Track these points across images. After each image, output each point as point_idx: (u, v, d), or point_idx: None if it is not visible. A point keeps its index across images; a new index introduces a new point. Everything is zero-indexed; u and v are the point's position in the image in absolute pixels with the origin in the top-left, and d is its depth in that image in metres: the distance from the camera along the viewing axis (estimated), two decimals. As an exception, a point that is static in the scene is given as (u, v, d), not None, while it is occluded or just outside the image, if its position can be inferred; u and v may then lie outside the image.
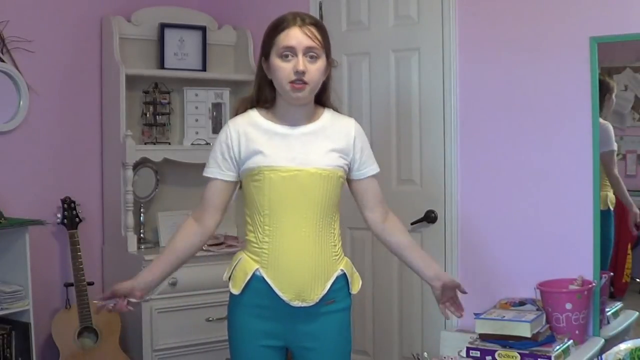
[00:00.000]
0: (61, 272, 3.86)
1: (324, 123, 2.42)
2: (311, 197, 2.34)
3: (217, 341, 3.76)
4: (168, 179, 4.11)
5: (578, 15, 3.08)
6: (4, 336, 3.38)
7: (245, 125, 2.39)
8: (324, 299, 2.38)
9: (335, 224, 2.44)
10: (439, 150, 3.48)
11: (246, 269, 2.38)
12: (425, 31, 3.51)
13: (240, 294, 2.38)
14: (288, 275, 2.34)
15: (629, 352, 2.46)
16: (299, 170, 2.33)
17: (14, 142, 3.71)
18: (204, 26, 4.13)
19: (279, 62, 2.32)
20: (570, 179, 3.13)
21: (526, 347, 2.82)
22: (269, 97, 2.42)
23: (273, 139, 2.36)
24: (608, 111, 3.18)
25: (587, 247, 3.08)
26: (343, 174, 2.42)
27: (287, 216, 2.34)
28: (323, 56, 2.36)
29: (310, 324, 2.39)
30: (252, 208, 2.39)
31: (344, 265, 2.45)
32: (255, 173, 2.35)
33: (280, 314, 2.37)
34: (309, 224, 2.35)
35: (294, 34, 2.32)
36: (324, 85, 2.42)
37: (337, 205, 2.43)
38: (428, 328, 3.53)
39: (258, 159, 2.34)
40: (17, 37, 3.64)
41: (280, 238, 2.34)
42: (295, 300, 2.34)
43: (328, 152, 2.38)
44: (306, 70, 2.30)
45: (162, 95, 4.04)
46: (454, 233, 3.44)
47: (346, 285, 2.46)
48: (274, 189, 2.33)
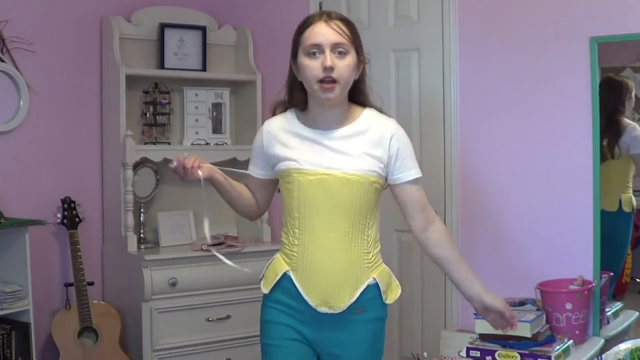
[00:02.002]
0: (61, 272, 3.86)
1: (361, 125, 2.33)
2: (339, 202, 2.28)
3: (217, 341, 3.76)
4: (168, 179, 4.10)
5: (578, 15, 3.08)
6: (4, 336, 3.38)
7: (279, 127, 2.37)
8: (353, 307, 2.30)
9: (370, 231, 2.34)
10: (439, 149, 3.48)
11: (277, 270, 2.36)
12: (425, 31, 3.51)
13: (269, 293, 2.37)
14: (315, 280, 2.29)
15: (629, 352, 2.46)
16: (326, 174, 2.28)
17: (14, 142, 3.71)
18: (204, 26, 4.13)
19: (306, 60, 2.25)
20: (571, 179, 3.13)
21: (526, 347, 2.81)
22: (300, 100, 2.36)
23: (304, 142, 2.32)
24: (630, 111, 3.16)
25: (587, 247, 3.08)
26: (377, 179, 2.31)
27: (316, 220, 2.29)
28: (352, 52, 2.27)
29: (338, 332, 2.32)
30: (285, 210, 2.37)
31: (377, 273, 2.35)
32: (286, 175, 2.33)
33: (308, 318, 2.32)
34: (338, 230, 2.29)
35: (320, 29, 2.24)
36: (357, 84, 2.34)
37: (373, 211, 2.34)
38: (428, 328, 3.54)
39: (289, 162, 2.32)
40: (17, 37, 3.64)
41: (309, 242, 2.30)
42: (321, 306, 2.29)
43: (361, 156, 2.29)
44: (334, 66, 2.22)
45: (162, 95, 4.04)
46: (454, 233, 3.44)
47: (379, 295, 2.35)
48: (303, 192, 2.29)
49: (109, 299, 3.94)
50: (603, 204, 3.08)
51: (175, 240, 3.99)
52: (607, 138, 3.10)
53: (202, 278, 3.73)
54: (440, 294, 3.48)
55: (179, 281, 3.70)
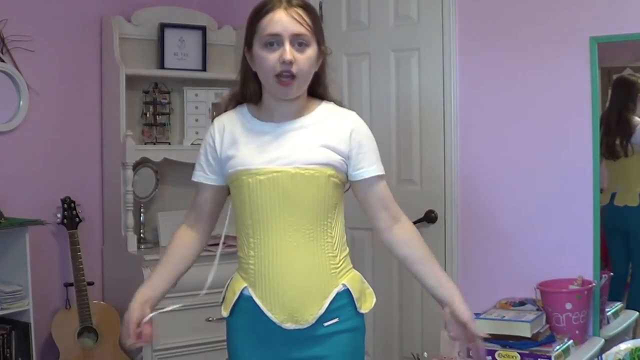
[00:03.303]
0: (61, 272, 3.86)
1: (317, 117, 2.11)
2: (296, 202, 2.04)
3: (217, 341, 3.75)
4: (168, 179, 4.11)
5: (578, 15, 3.08)
6: (4, 336, 3.38)
7: (231, 124, 2.14)
8: (322, 319, 2.06)
9: (334, 231, 2.10)
10: (439, 150, 3.48)
11: (234, 289, 2.14)
12: (425, 31, 3.51)
13: (230, 316, 2.16)
14: (277, 292, 2.04)
15: (629, 352, 2.46)
16: (277, 171, 2.03)
17: (14, 142, 3.71)
18: (204, 26, 4.13)
19: (263, 52, 2.03)
20: (571, 179, 3.13)
21: (526, 347, 2.82)
22: (254, 92, 2.13)
23: (254, 138, 2.09)
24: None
25: (587, 247, 3.08)
26: (335, 173, 2.07)
27: (272, 226, 2.04)
28: (314, 43, 2.05)
29: (310, 349, 2.06)
30: (238, 220, 2.13)
31: (348, 279, 2.11)
32: (235, 178, 2.09)
33: (275, 340, 2.07)
34: (297, 232, 2.04)
35: (279, 17, 2.01)
36: (317, 76, 2.12)
37: (335, 209, 2.10)
38: (428, 328, 3.53)
39: (235, 162, 2.08)
40: (16, 37, 3.64)
41: (266, 251, 2.05)
42: (287, 322, 2.04)
43: (316, 148, 2.06)
44: (294, 60, 2.00)
45: (162, 95, 4.04)
46: (454, 233, 3.44)
47: (351, 303, 2.10)
48: (254, 195, 2.05)
49: (109, 299, 3.94)
50: (624, 199, 3.15)
51: (175, 240, 3.98)
52: (619, 137, 3.14)
53: (202, 278, 3.70)
54: (440, 294, 3.48)
55: (179, 281, 3.69)
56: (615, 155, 3.14)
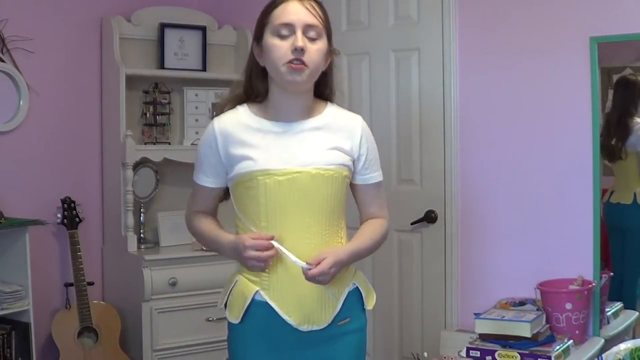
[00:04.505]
0: (61, 272, 3.86)
1: (327, 119, 2.12)
2: (315, 202, 2.05)
3: (217, 341, 3.75)
4: (168, 179, 4.11)
5: (578, 15, 3.08)
6: (4, 336, 3.38)
7: (233, 124, 2.10)
8: (337, 318, 2.09)
9: (343, 232, 2.15)
10: (439, 150, 3.48)
11: (245, 293, 2.08)
12: (425, 31, 3.51)
13: (241, 322, 2.09)
14: (293, 295, 2.04)
15: (629, 352, 2.46)
16: (298, 172, 2.03)
17: (14, 142, 3.71)
18: (204, 26, 4.13)
19: (274, 40, 2.02)
20: (570, 179, 3.13)
21: (526, 347, 2.81)
22: (261, 89, 2.11)
23: (266, 138, 2.07)
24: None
25: (587, 247, 3.08)
26: (349, 174, 2.13)
27: (288, 226, 2.03)
28: (324, 38, 2.06)
29: (322, 349, 2.08)
30: (246, 220, 2.09)
31: (356, 278, 2.17)
32: (247, 179, 2.05)
33: (289, 344, 2.07)
34: (314, 234, 2.05)
35: (293, 8, 2.03)
36: (325, 75, 2.13)
37: (344, 210, 2.15)
38: (428, 328, 3.53)
39: (249, 163, 2.05)
40: (16, 37, 3.64)
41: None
42: (304, 324, 2.05)
43: (331, 150, 2.08)
44: (306, 49, 1.99)
45: (162, 95, 4.04)
46: (454, 233, 3.44)
47: (360, 301, 2.16)
48: (271, 196, 2.03)
49: (109, 299, 3.94)
50: (619, 197, 3.17)
51: (175, 240, 3.98)
52: (615, 139, 3.15)
53: (202, 278, 3.73)
54: (440, 294, 3.48)
55: (179, 281, 3.70)
56: (614, 157, 3.15)
